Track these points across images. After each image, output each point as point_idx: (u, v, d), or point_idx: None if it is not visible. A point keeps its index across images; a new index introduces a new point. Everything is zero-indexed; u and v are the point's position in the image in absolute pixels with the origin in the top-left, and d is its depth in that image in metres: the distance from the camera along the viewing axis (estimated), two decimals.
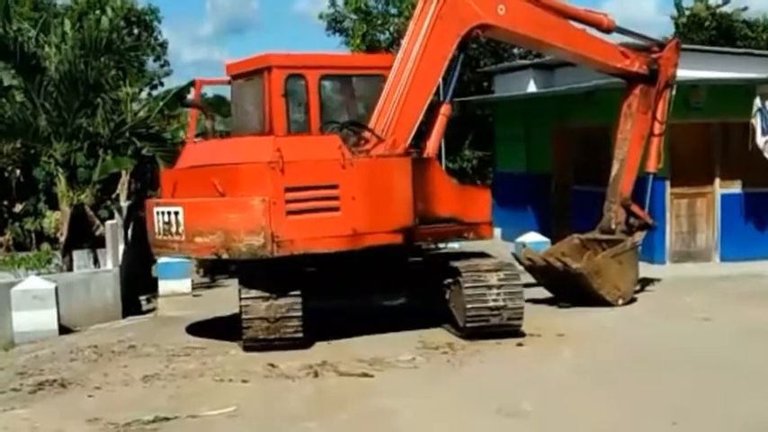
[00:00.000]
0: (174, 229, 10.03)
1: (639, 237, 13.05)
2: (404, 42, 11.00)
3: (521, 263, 12.48)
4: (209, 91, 16.59)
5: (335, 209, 9.78)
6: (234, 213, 9.62)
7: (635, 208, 13.15)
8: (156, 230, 10.40)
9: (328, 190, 9.77)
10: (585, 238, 13.31)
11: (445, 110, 11.07)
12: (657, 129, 13.25)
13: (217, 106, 17.40)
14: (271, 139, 9.96)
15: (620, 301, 12.19)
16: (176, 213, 10.01)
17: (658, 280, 14.01)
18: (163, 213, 10.23)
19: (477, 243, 11.25)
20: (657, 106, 13.10)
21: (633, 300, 12.54)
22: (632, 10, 64.99)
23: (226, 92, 12.40)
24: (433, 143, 10.86)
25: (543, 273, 12.48)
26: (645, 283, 13.50)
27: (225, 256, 9.74)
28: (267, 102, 10.42)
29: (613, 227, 13.11)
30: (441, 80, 11.30)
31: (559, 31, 12.19)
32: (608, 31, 12.70)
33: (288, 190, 9.56)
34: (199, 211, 9.93)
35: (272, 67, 10.36)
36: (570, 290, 12.11)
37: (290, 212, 9.56)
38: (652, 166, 13.42)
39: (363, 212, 9.88)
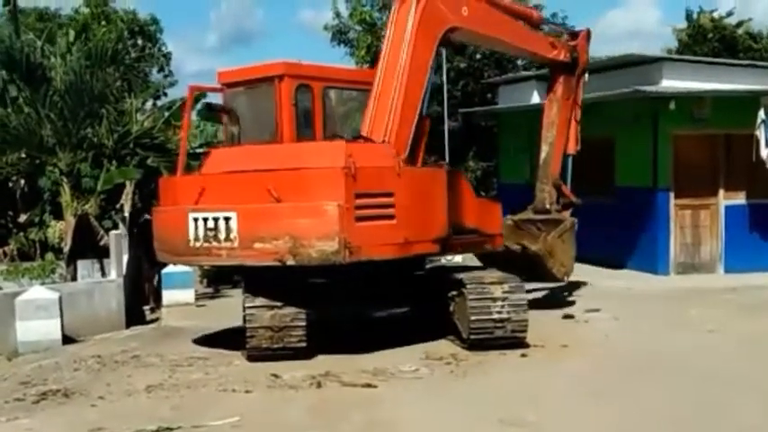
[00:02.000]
0: (222, 236, 9.70)
1: (568, 215, 13.60)
2: (385, 49, 10.76)
3: None
4: (214, 101, 16.46)
5: (392, 216, 9.78)
6: (305, 218, 9.44)
7: (564, 188, 13.64)
8: (192, 237, 9.94)
9: (386, 198, 9.78)
10: (519, 219, 13.57)
11: (426, 125, 10.86)
12: (577, 114, 13.81)
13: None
14: (343, 144, 9.88)
15: (566, 278, 13.05)
16: (227, 219, 9.67)
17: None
18: (205, 219, 9.84)
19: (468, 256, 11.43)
20: (577, 92, 13.70)
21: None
22: (636, 21, 65.14)
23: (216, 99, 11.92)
24: (420, 156, 10.88)
25: (504, 257, 12.45)
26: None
27: (290, 263, 9.46)
28: (279, 110, 10.43)
29: (548, 206, 13.53)
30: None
31: (508, 28, 12.49)
32: (537, 24, 13.23)
33: (357, 196, 9.49)
34: (260, 216, 9.64)
35: (285, 76, 10.41)
36: (523, 270, 12.01)
37: (358, 219, 9.48)
38: (572, 149, 13.82)
39: (412, 221, 9.96)
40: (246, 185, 9.81)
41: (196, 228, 9.91)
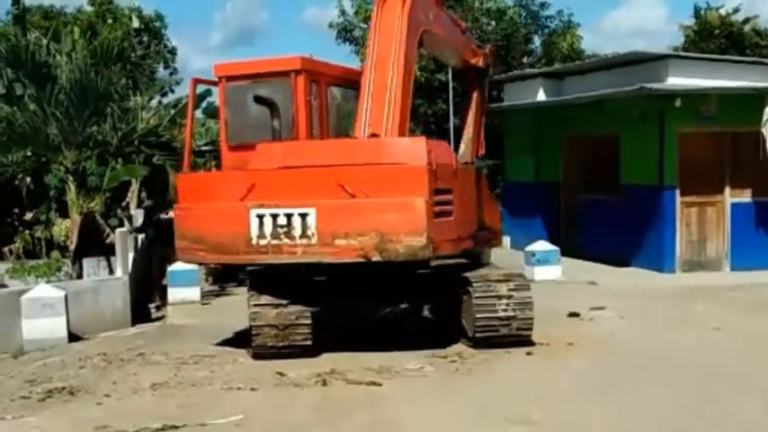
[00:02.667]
0: (297, 233, 9.46)
1: None
2: (372, 48, 10.53)
3: None
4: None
5: (451, 213, 9.85)
6: (392, 214, 9.33)
7: None
8: (256, 235, 9.57)
9: (449, 195, 9.85)
10: None
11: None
12: (485, 117, 13.86)
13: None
14: (423, 140, 9.84)
15: None
16: (303, 215, 9.44)
17: None
18: (275, 216, 9.49)
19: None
20: (485, 96, 13.78)
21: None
22: (643, 18, 65.03)
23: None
24: None
25: None
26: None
27: (376, 258, 9.36)
28: (297, 106, 10.36)
29: None
30: None
31: (454, 34, 12.52)
32: (464, 32, 13.31)
33: (435, 192, 9.52)
34: (343, 212, 9.43)
35: (303, 71, 10.41)
36: None
37: (435, 215, 9.51)
38: (482, 150, 13.70)
39: (461, 218, 10.11)
40: (317, 181, 9.55)
41: (261, 225, 9.58)
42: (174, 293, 14.36)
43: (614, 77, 17.34)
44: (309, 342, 9.87)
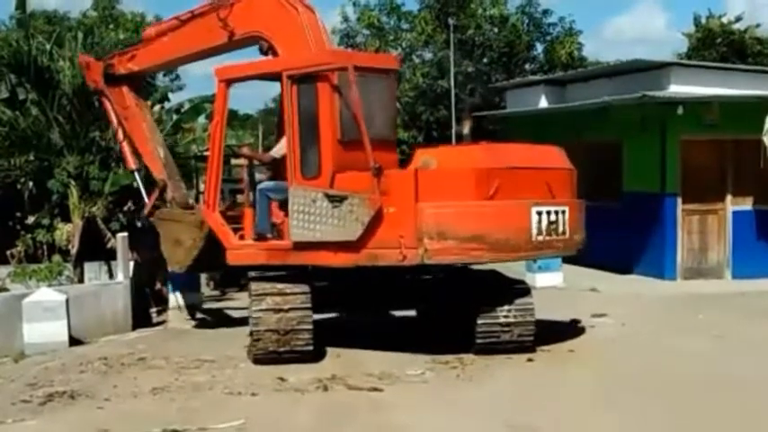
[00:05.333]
0: (560, 229, 10.15)
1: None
2: None
3: None
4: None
5: None
6: (579, 215, 10.59)
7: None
8: (535, 231, 9.89)
9: None
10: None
11: None
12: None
13: (229, 120, 17.43)
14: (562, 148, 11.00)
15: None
16: (563, 212, 10.19)
17: None
18: (548, 213, 10.03)
19: None
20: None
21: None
22: (644, 26, 65.15)
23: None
24: None
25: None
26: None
27: (568, 254, 11.03)
28: (393, 103, 10.64)
29: (191, 201, 13.46)
30: None
31: None
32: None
33: None
34: (577, 211, 10.52)
35: (396, 71, 10.83)
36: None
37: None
38: (133, 163, 13.68)
39: None
40: (533, 181, 10.13)
41: (539, 221, 9.93)
42: (175, 298, 14.32)
43: (617, 85, 17.35)
44: (310, 347, 9.88)
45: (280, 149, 10.69)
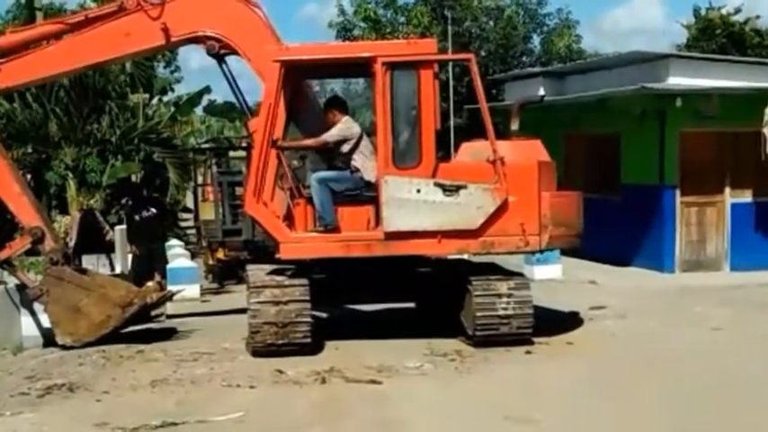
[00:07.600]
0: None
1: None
2: None
3: None
4: (219, 97, 16.39)
5: None
6: None
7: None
8: None
9: None
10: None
11: None
12: None
13: (227, 112, 17.45)
14: None
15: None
16: None
17: None
18: None
19: None
20: None
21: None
22: (642, 17, 65.11)
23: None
24: None
25: None
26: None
27: None
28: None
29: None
30: None
31: None
32: None
33: None
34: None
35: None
36: None
37: None
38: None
39: None
40: (545, 174, 10.52)
41: None
42: (173, 290, 14.30)
43: (615, 77, 17.32)
44: (309, 339, 9.88)
45: (333, 135, 10.19)
